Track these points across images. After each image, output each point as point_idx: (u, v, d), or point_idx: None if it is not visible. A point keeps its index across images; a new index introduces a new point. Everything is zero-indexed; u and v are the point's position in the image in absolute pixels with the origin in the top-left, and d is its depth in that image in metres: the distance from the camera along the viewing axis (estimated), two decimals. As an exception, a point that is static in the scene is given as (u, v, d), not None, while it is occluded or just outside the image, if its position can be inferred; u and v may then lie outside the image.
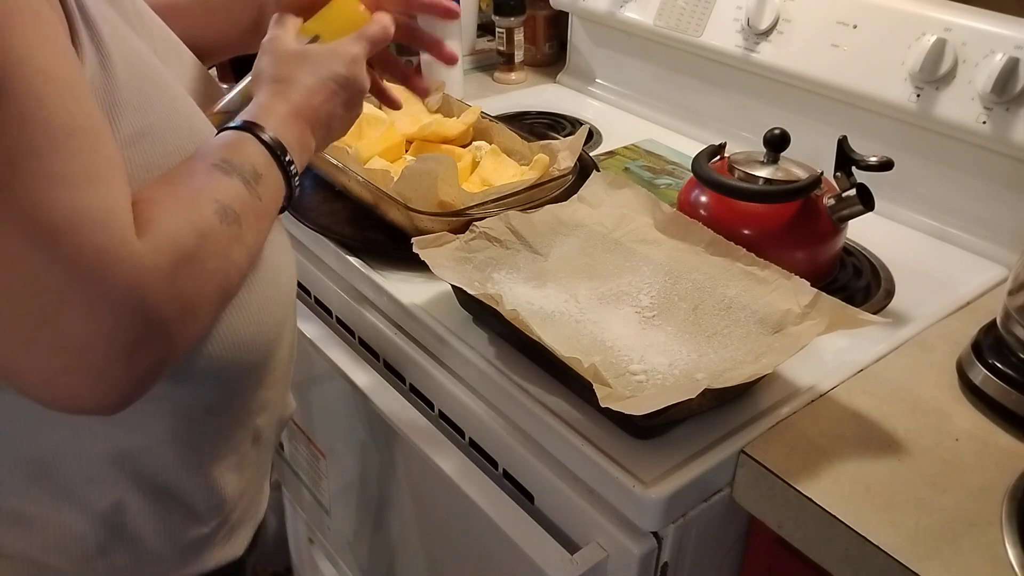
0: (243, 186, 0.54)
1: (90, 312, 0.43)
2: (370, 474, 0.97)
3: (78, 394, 0.46)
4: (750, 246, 0.74)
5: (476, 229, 0.77)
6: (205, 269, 0.49)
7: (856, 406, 0.67)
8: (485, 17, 1.47)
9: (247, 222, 0.53)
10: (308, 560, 1.31)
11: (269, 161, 0.57)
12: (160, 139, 0.55)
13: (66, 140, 0.44)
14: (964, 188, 0.91)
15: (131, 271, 0.44)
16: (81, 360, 0.44)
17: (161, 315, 0.46)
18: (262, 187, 0.55)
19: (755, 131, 0.85)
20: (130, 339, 0.45)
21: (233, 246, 0.52)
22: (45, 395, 0.46)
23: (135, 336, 0.45)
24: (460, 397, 0.74)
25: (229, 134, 0.57)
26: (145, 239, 0.46)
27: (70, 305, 0.43)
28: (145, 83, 0.56)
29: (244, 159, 0.55)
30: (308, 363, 0.99)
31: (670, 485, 0.60)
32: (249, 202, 0.54)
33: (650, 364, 0.65)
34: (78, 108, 0.45)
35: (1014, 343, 0.66)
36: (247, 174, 0.54)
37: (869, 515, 0.57)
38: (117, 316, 0.44)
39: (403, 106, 0.88)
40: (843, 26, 0.95)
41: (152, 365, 0.47)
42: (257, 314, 0.63)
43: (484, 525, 0.68)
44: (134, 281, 0.44)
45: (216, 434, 0.66)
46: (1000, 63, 0.81)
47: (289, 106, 0.61)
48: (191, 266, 0.48)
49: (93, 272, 0.43)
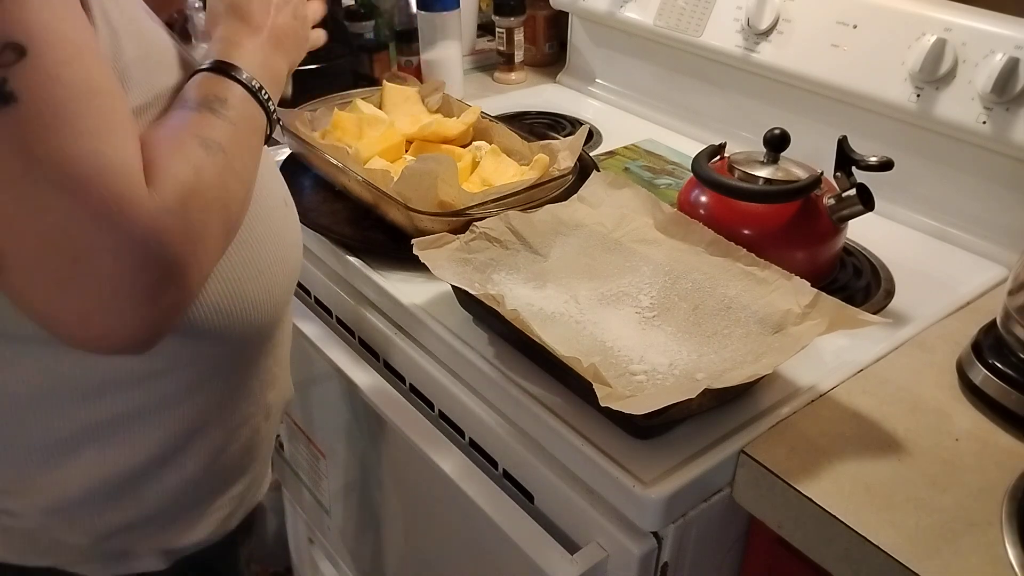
0: (214, 116, 0.56)
1: (117, 254, 0.46)
2: (370, 474, 0.97)
3: (112, 332, 0.48)
4: (750, 246, 0.74)
5: (476, 229, 0.77)
6: (207, 200, 0.52)
7: (856, 406, 0.67)
8: (485, 17, 1.47)
9: (230, 149, 0.55)
10: (308, 560, 1.31)
11: (229, 85, 0.59)
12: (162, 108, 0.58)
13: (88, 99, 0.47)
14: (964, 188, 0.91)
15: (148, 214, 0.47)
16: (112, 300, 0.47)
17: (177, 251, 0.49)
18: (232, 112, 0.57)
19: (755, 131, 0.85)
20: (154, 278, 0.48)
21: (225, 174, 0.54)
22: (81, 336, 0.48)
23: (158, 274, 0.48)
24: (460, 397, 0.74)
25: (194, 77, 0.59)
26: (152, 183, 0.48)
27: (99, 249, 0.46)
28: (151, 56, 0.58)
29: (207, 92, 0.57)
30: (308, 363, 0.99)
31: (670, 485, 0.60)
32: (227, 130, 0.56)
33: (650, 364, 0.65)
34: (97, 70, 0.49)
35: (1014, 343, 0.66)
36: (215, 104, 0.56)
37: (869, 515, 0.57)
38: (141, 257, 0.47)
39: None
40: (843, 26, 0.95)
41: (174, 301, 0.50)
42: (268, 277, 0.65)
43: (484, 525, 0.68)
44: (151, 223, 0.47)
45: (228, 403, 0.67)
46: (1000, 63, 0.81)
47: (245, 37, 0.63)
48: (195, 200, 0.50)
49: (117, 217, 0.46)
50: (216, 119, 0.56)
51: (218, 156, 0.53)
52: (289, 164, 1.00)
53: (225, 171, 0.54)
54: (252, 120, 0.59)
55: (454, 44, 1.24)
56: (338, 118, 0.98)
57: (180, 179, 0.50)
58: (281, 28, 0.66)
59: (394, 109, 1.03)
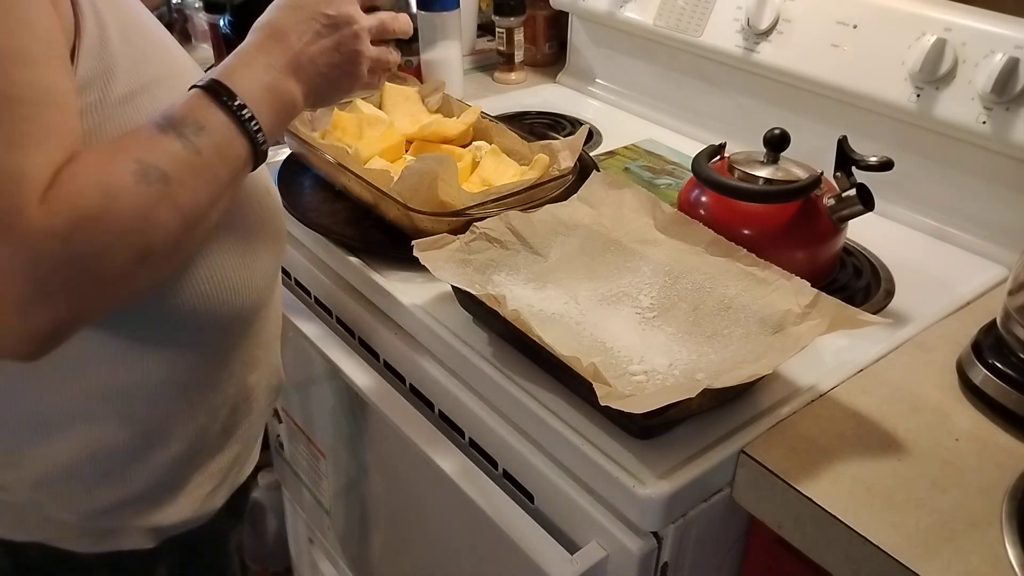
0: (178, 142, 0.53)
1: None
2: (370, 474, 0.97)
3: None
4: (750, 246, 0.74)
5: (476, 230, 0.77)
6: (111, 231, 0.49)
7: (856, 406, 0.67)
8: (485, 17, 1.47)
9: (179, 180, 0.52)
10: (308, 560, 1.31)
11: (214, 111, 0.55)
12: (153, 96, 0.57)
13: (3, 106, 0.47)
14: (964, 188, 0.91)
15: (27, 232, 0.46)
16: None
17: (52, 275, 0.48)
18: (204, 139, 0.54)
19: (755, 131, 0.85)
20: (23, 296, 0.47)
21: (155, 206, 0.51)
22: None
23: (27, 294, 0.47)
24: (460, 397, 0.74)
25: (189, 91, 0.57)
26: (48, 201, 0.47)
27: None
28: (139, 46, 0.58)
29: (187, 113, 0.54)
30: (308, 363, 0.99)
31: (670, 485, 0.60)
32: (184, 159, 0.53)
33: (650, 365, 0.65)
34: (23, 77, 0.48)
35: (1014, 343, 0.66)
36: (187, 128, 0.53)
37: (869, 515, 0.57)
38: (7, 275, 0.47)
39: (403, 104, 0.88)
40: (843, 26, 0.95)
41: (52, 321, 0.49)
42: (250, 263, 0.65)
43: (484, 525, 0.68)
44: (27, 242, 0.46)
45: (209, 382, 0.68)
46: (1000, 63, 0.81)
47: (264, 55, 0.60)
48: (93, 228, 0.49)
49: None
50: (176, 145, 0.53)
51: (153, 186, 0.50)
52: (289, 164, 1.00)
53: (157, 203, 0.51)
54: (228, 150, 0.56)
55: (454, 44, 1.24)
56: (338, 118, 0.98)
57: (80, 204, 0.48)
58: (310, 56, 0.61)
59: (394, 109, 1.03)
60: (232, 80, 0.57)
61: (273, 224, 0.71)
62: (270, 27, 0.61)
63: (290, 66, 0.60)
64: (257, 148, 0.58)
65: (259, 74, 0.59)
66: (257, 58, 0.59)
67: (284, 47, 0.60)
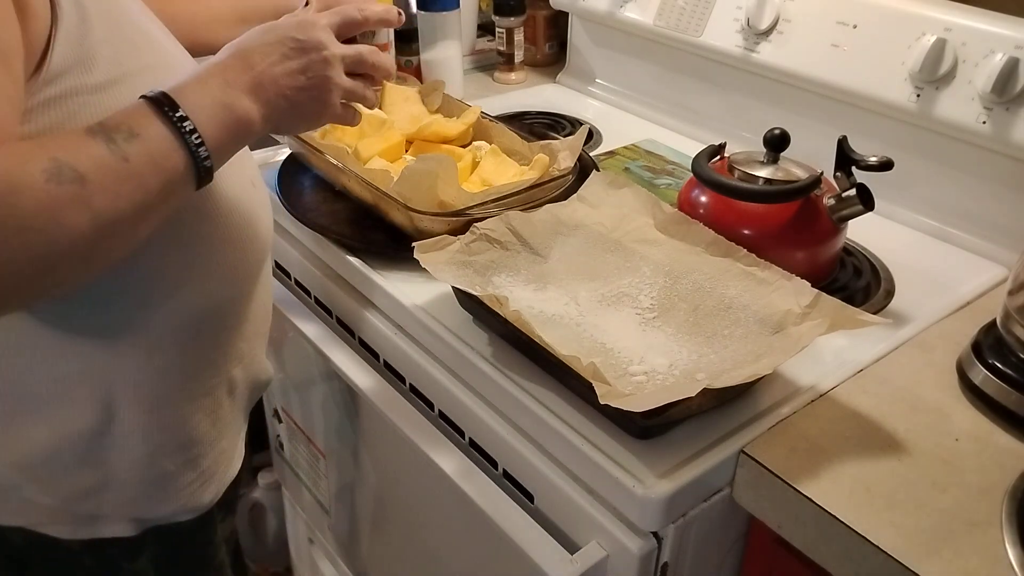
0: (105, 146, 0.51)
1: None
2: (370, 474, 0.97)
3: None
4: (750, 246, 0.74)
5: (477, 231, 0.77)
6: (6, 224, 0.48)
7: (856, 406, 0.67)
8: (485, 17, 1.47)
9: (98, 184, 0.51)
10: (308, 560, 1.31)
11: (153, 121, 0.54)
12: (133, 87, 0.57)
13: None
14: (964, 188, 0.91)
15: None
16: None
17: None
18: (135, 147, 0.52)
19: (755, 131, 0.85)
20: None
21: (65, 207, 0.49)
22: None
23: None
24: (460, 397, 0.74)
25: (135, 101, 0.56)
26: None
27: None
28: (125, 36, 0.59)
29: (123, 120, 0.53)
30: (308, 363, 0.99)
31: (670, 485, 0.60)
32: (107, 164, 0.51)
33: (650, 365, 0.65)
34: None
35: (1014, 343, 0.66)
36: (119, 134, 0.52)
37: (869, 515, 0.57)
38: None
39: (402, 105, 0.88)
40: (843, 26, 0.95)
41: None
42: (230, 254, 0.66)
43: (484, 525, 0.68)
44: None
45: (190, 370, 0.69)
46: (1000, 63, 0.81)
47: (223, 72, 0.59)
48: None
49: None
50: (102, 149, 0.51)
51: (65, 186, 0.49)
52: (289, 164, 1.00)
53: (68, 204, 0.49)
54: (163, 161, 0.54)
55: (454, 44, 1.24)
56: (338, 118, 0.98)
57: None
58: (272, 77, 0.60)
59: (394, 109, 1.03)
60: (181, 93, 0.56)
61: (255, 216, 0.71)
62: (236, 47, 0.61)
63: (249, 85, 0.59)
64: (199, 163, 0.56)
65: (212, 90, 0.57)
66: (215, 75, 0.58)
67: (246, 67, 0.59)
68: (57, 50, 0.55)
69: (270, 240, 0.75)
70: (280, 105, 0.61)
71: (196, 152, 0.55)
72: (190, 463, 0.73)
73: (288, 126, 0.64)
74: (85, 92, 0.56)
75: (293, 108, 0.62)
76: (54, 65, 0.54)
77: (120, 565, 0.74)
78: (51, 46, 0.54)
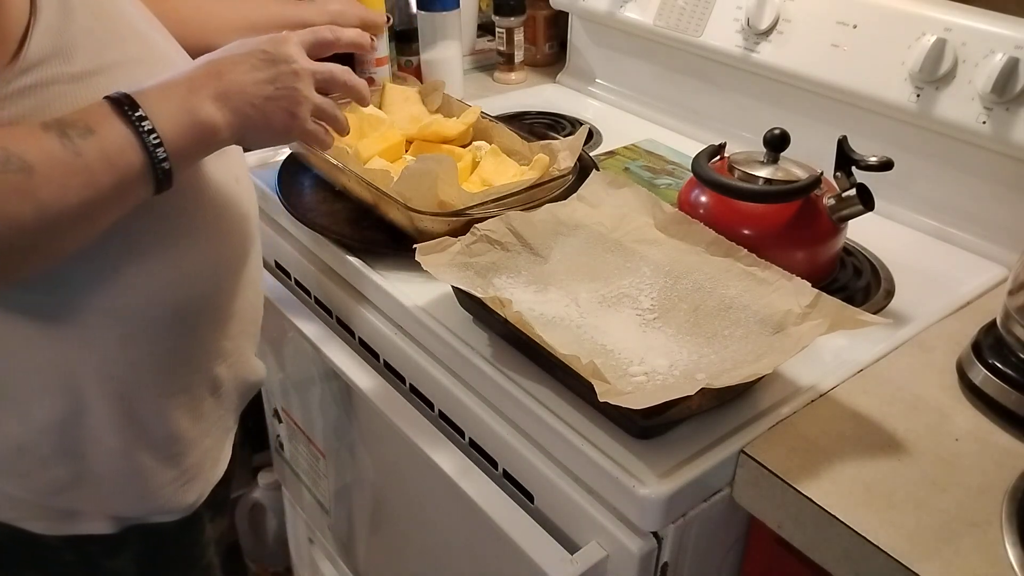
0: (57, 140, 0.52)
1: None
2: (370, 474, 0.97)
3: None
4: (750, 246, 0.74)
5: (477, 232, 0.77)
6: None
7: (856, 406, 0.67)
8: (485, 17, 1.47)
9: (45, 176, 0.51)
10: (308, 560, 1.31)
11: (112, 118, 0.54)
12: (113, 79, 0.58)
13: None
14: (964, 188, 0.91)
15: None
16: None
17: None
18: (90, 143, 0.53)
19: (755, 131, 0.85)
20: None
21: (9, 196, 0.50)
22: None
23: None
24: (460, 397, 0.74)
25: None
26: None
27: None
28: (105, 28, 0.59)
29: (80, 117, 0.54)
30: (308, 363, 0.99)
31: (670, 485, 0.60)
32: (57, 155, 0.52)
33: (650, 366, 0.65)
34: None
35: (1014, 343, 0.66)
36: (74, 130, 0.53)
37: (869, 515, 0.57)
38: None
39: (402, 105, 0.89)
40: (843, 26, 0.95)
41: None
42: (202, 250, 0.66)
43: (484, 525, 0.68)
44: None
45: (165, 365, 0.68)
46: (1000, 63, 0.81)
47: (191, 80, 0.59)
48: None
49: None
50: (55, 143, 0.52)
51: (11, 175, 0.50)
52: (289, 164, 1.00)
53: (12, 192, 0.50)
54: (117, 159, 0.54)
55: (454, 44, 1.24)
56: (338, 118, 0.98)
57: None
58: (240, 85, 0.60)
59: (394, 109, 1.03)
60: (144, 94, 0.56)
61: (237, 212, 0.71)
62: (207, 59, 0.61)
63: (215, 93, 0.59)
64: (156, 164, 0.56)
65: (176, 94, 0.58)
66: (181, 81, 0.59)
67: (213, 75, 0.60)
68: (35, 39, 0.55)
69: (253, 237, 0.75)
70: (247, 114, 0.61)
71: (154, 153, 0.55)
72: (170, 460, 0.72)
73: (255, 137, 0.64)
74: (63, 81, 0.56)
75: (261, 118, 0.62)
76: (31, 54, 0.55)
77: (100, 563, 0.74)
78: (29, 35, 0.55)
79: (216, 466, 0.79)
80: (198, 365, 0.72)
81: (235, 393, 0.78)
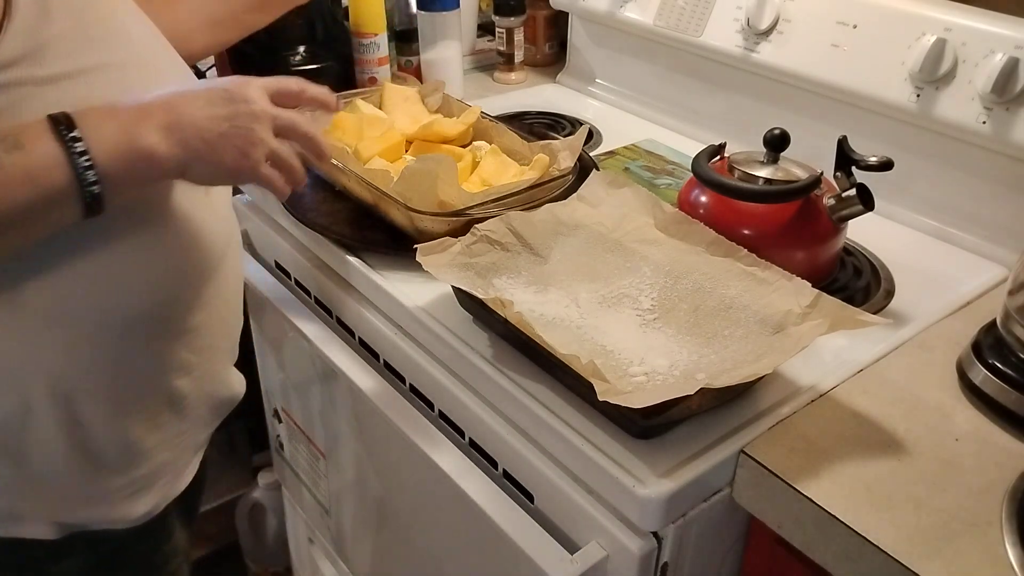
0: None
1: None
2: (370, 474, 0.97)
3: None
4: (750, 246, 0.74)
5: (478, 232, 0.77)
6: None
7: (856, 406, 0.67)
8: (485, 17, 1.47)
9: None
10: (308, 560, 1.30)
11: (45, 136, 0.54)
12: (88, 83, 0.58)
13: None
14: (964, 188, 0.91)
15: None
16: None
17: None
18: (14, 157, 0.53)
19: (755, 131, 0.85)
20: None
21: None
22: None
23: None
24: (460, 397, 0.74)
25: None
26: None
27: None
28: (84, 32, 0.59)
29: (12, 131, 0.54)
30: (308, 363, 0.99)
31: (670, 485, 0.60)
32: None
33: (651, 366, 0.65)
34: None
35: (1014, 343, 0.66)
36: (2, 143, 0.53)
37: (869, 515, 0.57)
38: None
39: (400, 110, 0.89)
40: (843, 26, 0.95)
41: None
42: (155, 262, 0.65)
43: (484, 525, 0.68)
44: None
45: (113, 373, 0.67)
46: (1000, 63, 0.81)
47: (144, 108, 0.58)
48: None
49: None
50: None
51: None
52: (289, 164, 1.00)
53: None
54: (41, 176, 0.54)
55: (454, 44, 1.24)
56: (338, 118, 0.98)
57: None
58: (192, 119, 0.59)
59: (394, 109, 1.03)
60: (85, 115, 0.55)
61: (201, 225, 0.69)
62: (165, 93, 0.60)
63: (165, 123, 0.58)
64: (84, 186, 0.55)
65: (120, 119, 0.57)
66: (132, 109, 0.58)
67: (167, 107, 0.58)
68: (6, 41, 0.55)
69: (222, 250, 0.73)
70: (196, 148, 0.59)
71: (82, 175, 0.55)
72: (118, 469, 0.71)
73: (203, 172, 0.62)
74: (31, 83, 0.56)
75: (210, 153, 0.60)
76: (1, 55, 0.55)
77: (43, 568, 0.73)
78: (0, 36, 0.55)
79: (177, 480, 0.77)
80: (151, 376, 0.70)
81: (203, 408, 0.76)
